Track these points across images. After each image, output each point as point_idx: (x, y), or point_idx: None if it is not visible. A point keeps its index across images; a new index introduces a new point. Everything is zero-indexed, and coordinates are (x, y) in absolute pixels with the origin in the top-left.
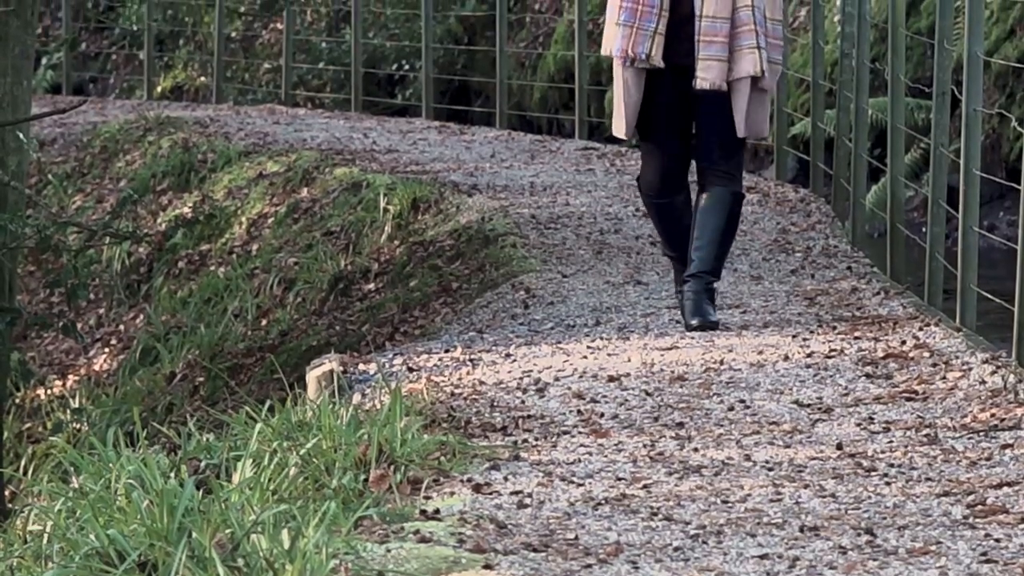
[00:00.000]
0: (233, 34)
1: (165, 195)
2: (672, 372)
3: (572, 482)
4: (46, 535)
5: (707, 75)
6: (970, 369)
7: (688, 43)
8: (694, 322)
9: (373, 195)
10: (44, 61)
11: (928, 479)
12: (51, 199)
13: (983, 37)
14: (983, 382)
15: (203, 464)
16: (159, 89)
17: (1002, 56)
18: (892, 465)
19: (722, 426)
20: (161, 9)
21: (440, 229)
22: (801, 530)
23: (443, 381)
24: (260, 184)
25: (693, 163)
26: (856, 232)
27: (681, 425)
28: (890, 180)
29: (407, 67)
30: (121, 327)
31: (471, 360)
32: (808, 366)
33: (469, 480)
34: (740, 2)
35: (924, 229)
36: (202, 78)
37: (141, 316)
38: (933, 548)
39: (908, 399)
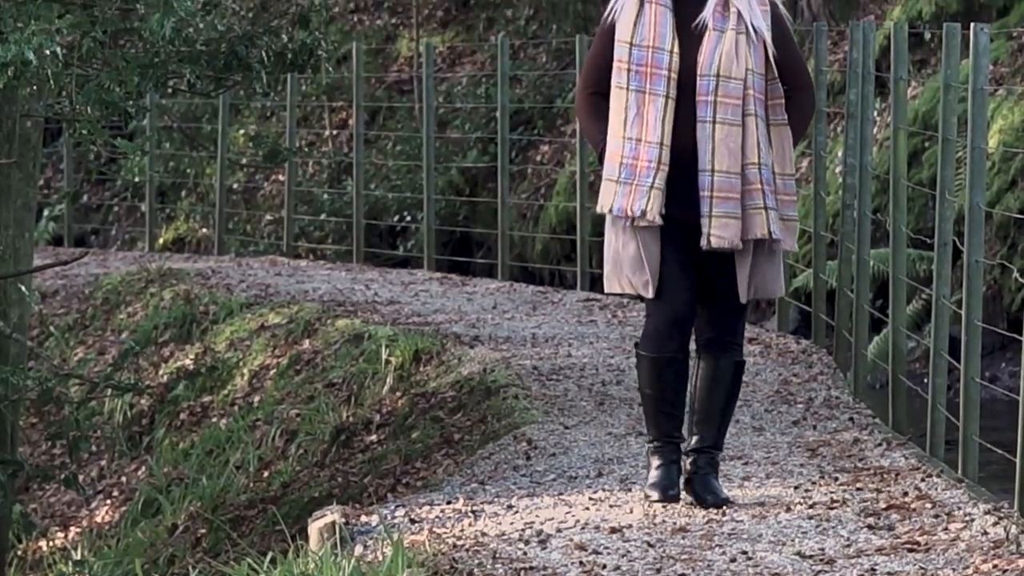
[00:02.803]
0: (235, 186)
1: (167, 347)
2: (674, 523)
3: None
4: None
5: (724, 234)
6: (972, 520)
7: (693, 197)
8: (708, 499)
9: (375, 347)
10: (46, 213)
11: None
12: (53, 351)
13: (985, 188)
14: (985, 533)
15: None
16: (161, 241)
17: (1004, 207)
18: None
19: None
20: (163, 161)
21: (442, 381)
22: None
23: (445, 533)
24: (262, 336)
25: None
26: (858, 383)
27: None
28: (892, 331)
29: (409, 218)
30: (123, 479)
31: (473, 511)
32: (810, 517)
33: None
34: (748, 159)
35: (926, 380)
36: (204, 230)
37: (143, 468)
38: None
39: (910, 550)
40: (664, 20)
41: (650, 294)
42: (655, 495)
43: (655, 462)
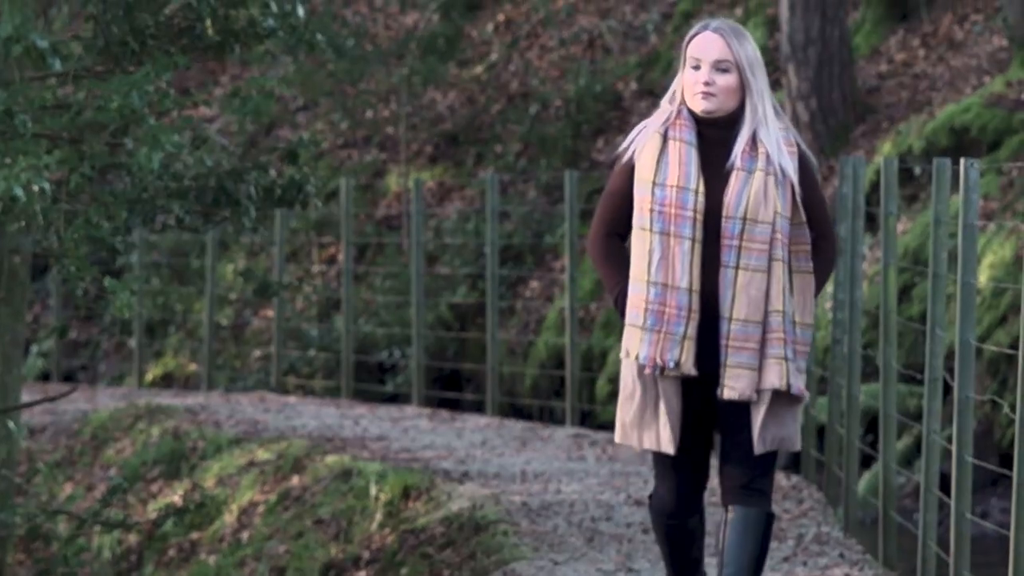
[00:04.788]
0: (223, 321)
1: (155, 483)
2: None
3: None
4: None
5: (737, 384)
6: None
7: (714, 347)
8: None
9: (364, 483)
10: (34, 349)
11: None
12: (41, 487)
13: (975, 323)
14: None
15: None
16: (149, 376)
17: (994, 342)
18: None
19: None
20: (151, 297)
21: (431, 517)
22: None
23: None
24: (250, 472)
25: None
26: (848, 519)
27: None
28: (882, 467)
29: (398, 354)
30: None
31: None
32: None
33: None
34: (771, 306)
35: (916, 516)
36: (192, 365)
37: None
38: None
39: None
40: (689, 159)
41: (672, 451)
42: None
43: None
